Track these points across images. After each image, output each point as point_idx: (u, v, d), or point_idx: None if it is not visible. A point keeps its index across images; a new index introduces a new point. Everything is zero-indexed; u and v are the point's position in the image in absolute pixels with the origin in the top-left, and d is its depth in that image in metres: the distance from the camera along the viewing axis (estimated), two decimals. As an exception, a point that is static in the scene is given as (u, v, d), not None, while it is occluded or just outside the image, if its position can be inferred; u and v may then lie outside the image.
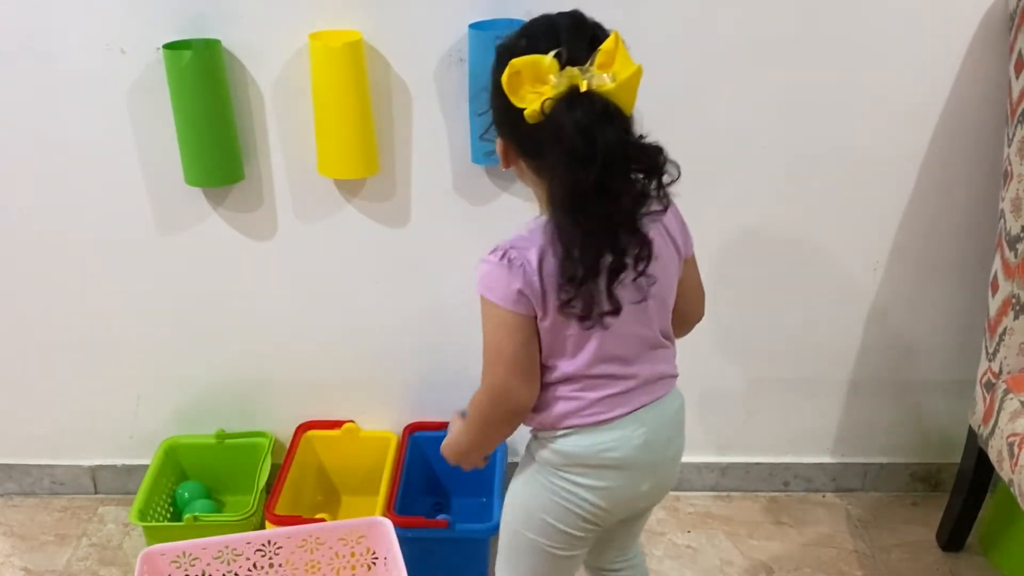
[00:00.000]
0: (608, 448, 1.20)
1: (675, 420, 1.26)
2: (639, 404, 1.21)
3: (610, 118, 1.04)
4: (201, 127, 1.61)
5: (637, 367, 1.20)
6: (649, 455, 1.22)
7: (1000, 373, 1.63)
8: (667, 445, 1.26)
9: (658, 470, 1.26)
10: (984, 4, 1.59)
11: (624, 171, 1.06)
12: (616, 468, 1.21)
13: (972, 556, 1.86)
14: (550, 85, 1.04)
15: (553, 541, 1.26)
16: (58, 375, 1.91)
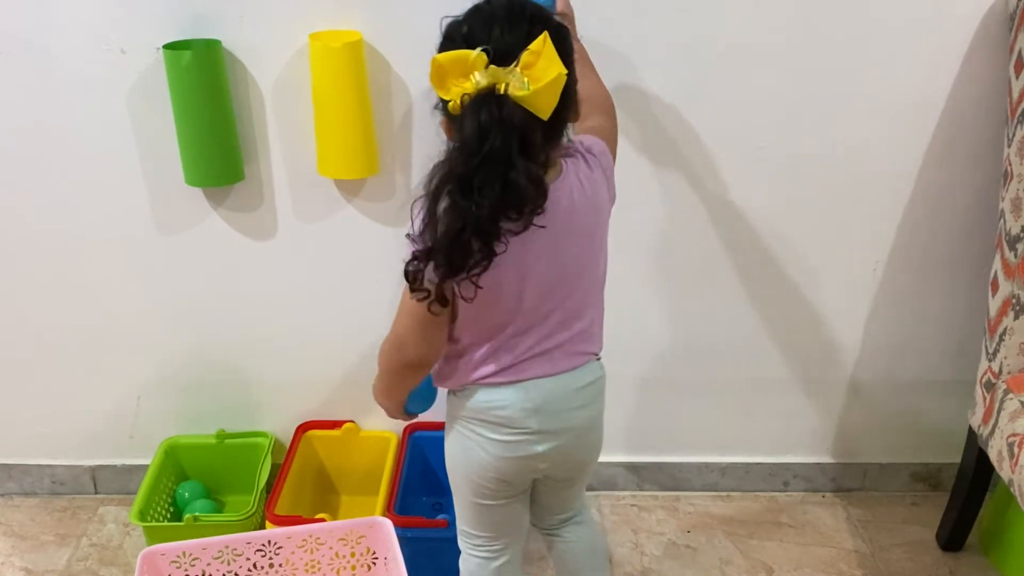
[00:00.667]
0: (499, 406, 1.29)
1: (585, 392, 1.34)
2: (538, 373, 1.29)
3: (510, 128, 1.09)
4: (201, 127, 1.61)
5: (537, 335, 1.27)
6: (541, 421, 1.31)
7: (1000, 373, 1.63)
8: (567, 415, 1.33)
9: (558, 437, 1.33)
10: (984, 4, 1.59)
11: (494, 182, 1.10)
12: (506, 426, 1.30)
13: (972, 556, 1.86)
14: (472, 81, 1.09)
15: (470, 490, 1.37)
16: (58, 375, 1.91)
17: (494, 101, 1.09)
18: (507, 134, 1.09)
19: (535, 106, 1.10)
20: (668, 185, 1.74)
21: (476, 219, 1.11)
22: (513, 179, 1.10)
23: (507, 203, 1.12)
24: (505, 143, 1.09)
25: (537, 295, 1.24)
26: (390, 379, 1.36)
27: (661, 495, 2.03)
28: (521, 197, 1.12)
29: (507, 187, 1.10)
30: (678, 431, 1.98)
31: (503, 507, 1.40)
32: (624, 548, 1.89)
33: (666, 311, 1.85)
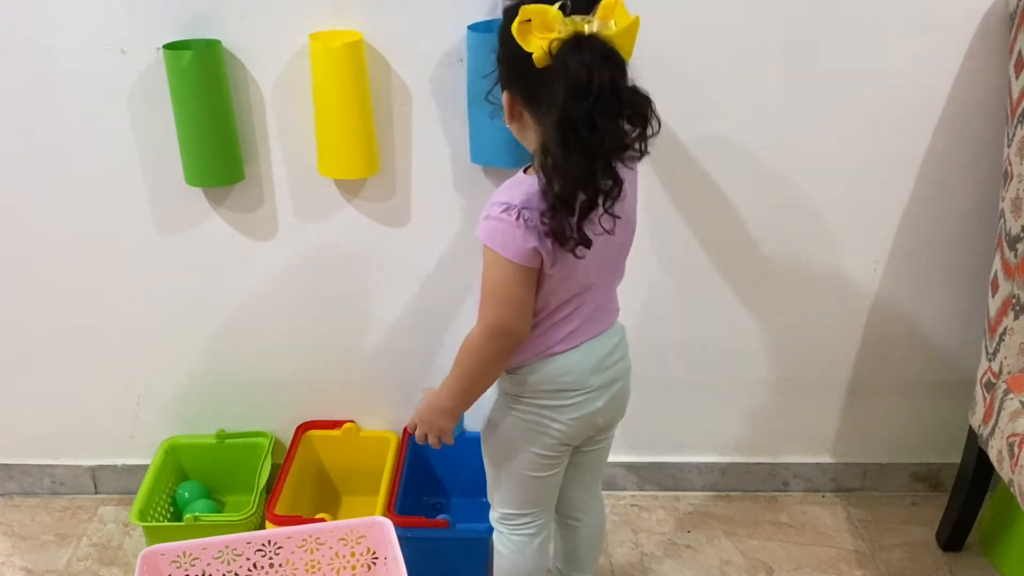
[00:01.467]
0: (563, 373, 1.37)
1: (620, 345, 1.43)
2: (592, 334, 1.37)
3: (609, 60, 1.14)
4: (201, 127, 1.61)
5: (594, 300, 1.36)
6: (599, 377, 1.39)
7: (1000, 373, 1.63)
8: (615, 366, 1.41)
9: (611, 389, 1.41)
10: (984, 4, 1.59)
11: (613, 111, 1.16)
12: (571, 390, 1.38)
13: (972, 556, 1.86)
14: (555, 32, 1.14)
15: (531, 465, 1.43)
16: (58, 375, 1.91)
17: (588, 41, 1.14)
18: (611, 67, 1.14)
19: (621, 47, 1.16)
20: (667, 185, 1.74)
21: (605, 149, 1.17)
22: (630, 100, 1.17)
23: (629, 128, 1.19)
24: (613, 76, 1.14)
25: (603, 260, 1.32)
26: (483, 372, 1.37)
27: (661, 495, 2.03)
28: (643, 116, 1.19)
29: (628, 112, 1.17)
30: (678, 431, 1.98)
31: (554, 476, 1.47)
32: (624, 548, 1.89)
33: (666, 311, 1.85)
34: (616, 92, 1.15)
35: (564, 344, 1.36)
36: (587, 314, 1.36)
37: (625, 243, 1.37)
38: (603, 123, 1.15)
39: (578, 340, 1.37)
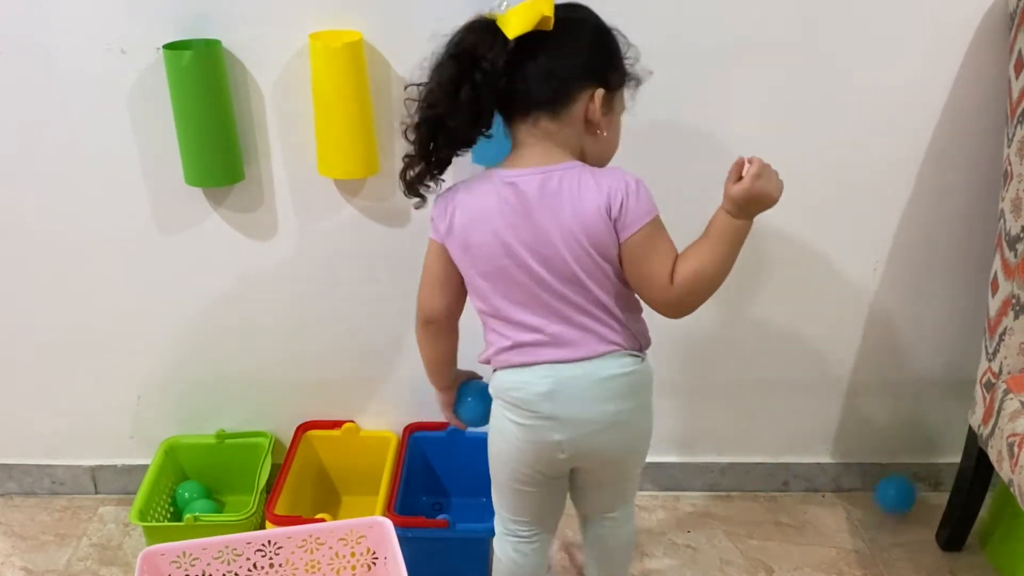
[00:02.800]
0: (514, 387, 1.34)
1: (602, 386, 1.33)
2: (552, 358, 1.32)
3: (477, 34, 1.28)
4: (201, 127, 1.61)
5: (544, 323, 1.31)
6: (555, 407, 1.32)
7: (1000, 373, 1.63)
8: (584, 405, 1.33)
9: (575, 427, 1.34)
10: (984, 4, 1.59)
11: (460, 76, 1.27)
12: (523, 408, 1.34)
13: (972, 556, 1.86)
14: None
15: (501, 472, 1.42)
16: (58, 375, 1.91)
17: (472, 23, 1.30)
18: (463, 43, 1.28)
19: (502, 22, 1.25)
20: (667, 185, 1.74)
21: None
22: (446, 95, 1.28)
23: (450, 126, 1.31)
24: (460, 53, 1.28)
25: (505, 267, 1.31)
26: (420, 350, 1.51)
27: (661, 495, 2.03)
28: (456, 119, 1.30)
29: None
30: (678, 431, 1.98)
31: (536, 494, 1.43)
32: (624, 548, 1.89)
33: (666, 311, 1.85)
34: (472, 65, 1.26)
35: (512, 357, 1.34)
36: (521, 331, 1.32)
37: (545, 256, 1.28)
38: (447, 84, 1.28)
39: (528, 359, 1.33)
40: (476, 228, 1.31)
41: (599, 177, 1.28)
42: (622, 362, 1.35)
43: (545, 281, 1.29)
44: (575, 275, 1.29)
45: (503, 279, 1.31)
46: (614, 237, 1.28)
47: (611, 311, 1.33)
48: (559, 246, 1.27)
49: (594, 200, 1.26)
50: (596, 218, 1.27)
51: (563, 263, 1.28)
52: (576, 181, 1.27)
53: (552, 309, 1.31)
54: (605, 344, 1.33)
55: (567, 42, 1.25)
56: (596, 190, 1.27)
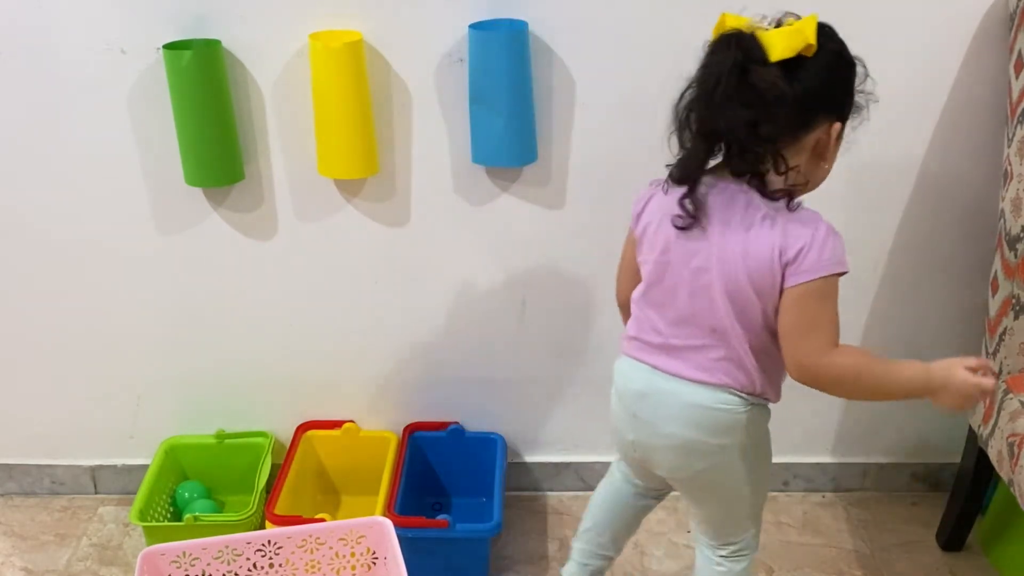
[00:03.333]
0: (618, 374, 1.42)
1: (678, 409, 1.33)
2: (641, 357, 1.36)
3: (736, 46, 1.25)
4: (201, 127, 1.61)
5: (671, 331, 1.32)
6: (626, 410, 1.40)
7: (1000, 373, 1.63)
8: (663, 420, 1.34)
9: (640, 434, 1.39)
10: (984, 4, 1.59)
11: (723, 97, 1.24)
12: (615, 394, 1.43)
13: (972, 556, 1.86)
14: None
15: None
16: (58, 375, 1.91)
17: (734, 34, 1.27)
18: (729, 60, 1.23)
19: (765, 41, 1.23)
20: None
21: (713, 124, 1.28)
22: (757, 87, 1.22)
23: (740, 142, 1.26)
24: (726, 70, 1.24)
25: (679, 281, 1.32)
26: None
27: (661, 495, 2.03)
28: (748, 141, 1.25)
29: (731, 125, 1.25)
30: (678, 431, 1.98)
31: (631, 469, 1.58)
32: (624, 548, 1.88)
33: (666, 311, 1.85)
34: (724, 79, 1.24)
35: (628, 347, 1.40)
36: (653, 343, 1.34)
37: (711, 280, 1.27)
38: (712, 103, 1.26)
39: (629, 351, 1.39)
40: (656, 225, 1.33)
41: (790, 222, 1.25)
42: (722, 398, 1.31)
43: (694, 295, 1.29)
44: (722, 301, 1.27)
45: (657, 276, 1.33)
46: (779, 281, 1.25)
47: (740, 347, 1.29)
48: (721, 268, 1.26)
49: (770, 241, 1.24)
50: (767, 257, 1.24)
51: (717, 286, 1.27)
52: (770, 217, 1.25)
53: (685, 321, 1.31)
54: (714, 375, 1.30)
55: (818, 72, 1.24)
56: (780, 234, 1.24)
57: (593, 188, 1.74)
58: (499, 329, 1.87)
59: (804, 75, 1.22)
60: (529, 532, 1.92)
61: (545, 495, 2.03)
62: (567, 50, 1.62)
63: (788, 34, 1.21)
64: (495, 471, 1.84)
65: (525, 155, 1.67)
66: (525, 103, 1.61)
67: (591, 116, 1.67)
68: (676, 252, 1.29)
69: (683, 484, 1.44)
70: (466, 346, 1.89)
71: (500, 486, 1.80)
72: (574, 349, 1.89)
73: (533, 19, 1.59)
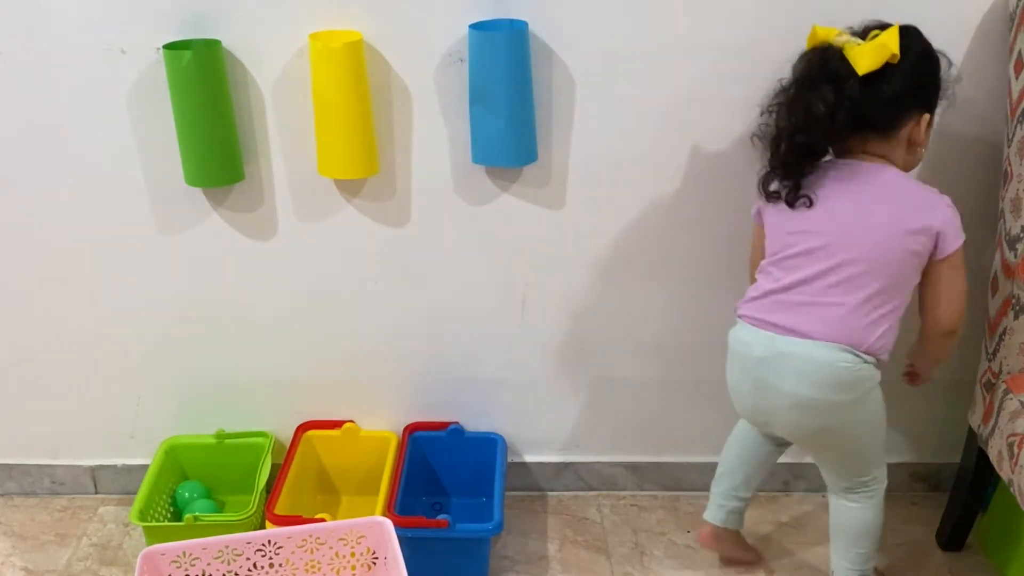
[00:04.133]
0: (735, 339, 1.54)
1: (800, 366, 1.45)
2: (766, 320, 1.49)
3: (828, 62, 1.43)
4: (201, 127, 1.61)
5: (799, 294, 1.46)
6: (746, 370, 1.53)
7: (1000, 373, 1.63)
8: (781, 378, 1.47)
9: (759, 395, 1.52)
10: (984, 4, 1.59)
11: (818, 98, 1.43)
12: (732, 362, 1.56)
13: (972, 556, 1.86)
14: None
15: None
16: (58, 375, 1.91)
17: (824, 48, 1.45)
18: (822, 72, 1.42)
19: (852, 56, 1.40)
20: (669, 185, 1.74)
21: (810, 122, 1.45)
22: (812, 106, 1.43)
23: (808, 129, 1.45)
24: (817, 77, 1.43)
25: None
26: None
27: (661, 495, 2.03)
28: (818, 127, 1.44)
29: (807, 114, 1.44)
30: (678, 431, 1.98)
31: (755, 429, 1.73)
32: (624, 548, 1.89)
33: (666, 310, 1.85)
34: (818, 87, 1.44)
35: (747, 313, 1.52)
36: (780, 300, 1.47)
37: (863, 232, 1.43)
38: (807, 102, 1.44)
39: (751, 313, 1.51)
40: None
41: (932, 198, 1.45)
42: (842, 356, 1.45)
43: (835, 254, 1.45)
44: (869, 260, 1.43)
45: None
46: (930, 251, 1.44)
47: (873, 306, 1.45)
48: (870, 230, 1.43)
49: (924, 215, 1.43)
50: (920, 230, 1.43)
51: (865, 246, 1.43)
52: (917, 189, 1.47)
53: (821, 276, 1.45)
54: (839, 332, 1.45)
55: (905, 73, 1.41)
56: (931, 207, 1.44)
57: (593, 188, 1.74)
58: (499, 329, 1.87)
59: (891, 80, 1.40)
60: (529, 532, 1.92)
61: (545, 495, 2.03)
62: (567, 50, 1.62)
63: (873, 49, 1.38)
64: (495, 471, 1.84)
65: (525, 155, 1.67)
66: (525, 103, 1.61)
67: (591, 116, 1.67)
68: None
69: (807, 443, 1.59)
70: (466, 346, 1.89)
71: (500, 486, 1.80)
72: (574, 349, 1.90)
73: (533, 19, 1.59)
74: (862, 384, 1.47)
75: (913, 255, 1.43)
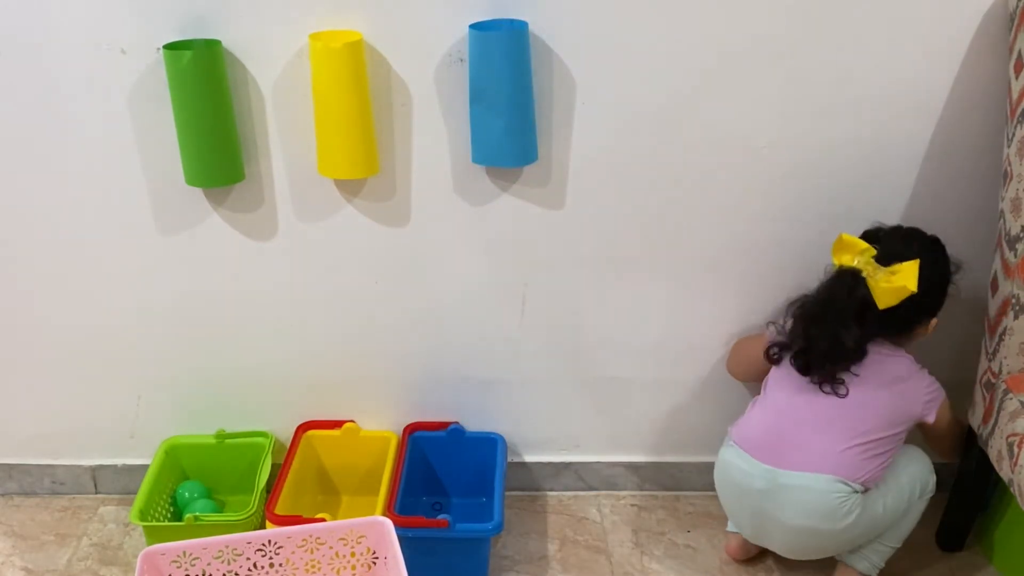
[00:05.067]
0: (734, 467, 1.68)
1: (799, 497, 1.59)
2: (754, 450, 1.64)
3: (853, 298, 1.58)
4: (201, 127, 1.61)
5: (798, 428, 1.62)
6: (745, 499, 1.67)
7: (1000, 373, 1.63)
8: (779, 509, 1.62)
9: (758, 523, 1.67)
10: (984, 4, 1.59)
11: (835, 326, 1.60)
12: (724, 483, 1.73)
13: (972, 556, 1.86)
14: (853, 261, 1.61)
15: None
16: (58, 375, 1.91)
17: (852, 276, 1.57)
18: (848, 302, 1.56)
19: (876, 295, 1.55)
20: (668, 185, 1.74)
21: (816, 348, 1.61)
22: (842, 338, 1.57)
23: (833, 355, 1.59)
24: (845, 307, 1.57)
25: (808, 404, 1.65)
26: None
27: (661, 495, 2.03)
28: (843, 355, 1.59)
29: (835, 342, 1.58)
30: (678, 431, 1.98)
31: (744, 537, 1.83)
32: (624, 548, 1.89)
33: (666, 311, 1.85)
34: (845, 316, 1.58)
35: (746, 441, 1.66)
36: (779, 431, 1.63)
37: (865, 403, 1.61)
38: (825, 327, 1.61)
39: (749, 444, 1.66)
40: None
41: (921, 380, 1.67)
42: (835, 488, 1.58)
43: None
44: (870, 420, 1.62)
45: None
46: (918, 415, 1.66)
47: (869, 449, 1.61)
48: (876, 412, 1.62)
49: (917, 398, 1.66)
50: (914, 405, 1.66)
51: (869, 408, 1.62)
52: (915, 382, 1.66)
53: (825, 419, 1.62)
54: (837, 469, 1.59)
55: (920, 298, 1.56)
56: (923, 392, 1.66)
57: (593, 188, 1.74)
58: (499, 329, 1.87)
59: (909, 307, 1.56)
60: (529, 532, 1.92)
61: (545, 495, 2.03)
62: (567, 50, 1.62)
63: (895, 292, 1.53)
64: (495, 471, 1.84)
65: (525, 155, 1.67)
66: (525, 103, 1.61)
67: (591, 116, 1.67)
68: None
69: (804, 555, 1.75)
70: (466, 346, 1.89)
71: (500, 486, 1.80)
72: (574, 349, 1.90)
73: (533, 19, 1.59)
74: (853, 511, 1.59)
75: (911, 420, 1.66)
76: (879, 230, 1.65)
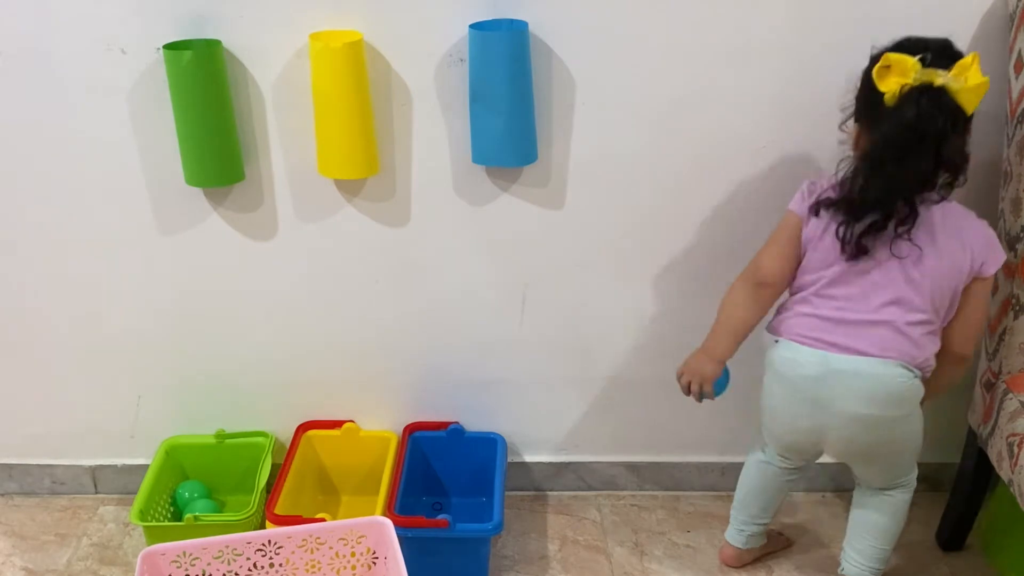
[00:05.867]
0: (781, 362, 1.55)
1: (856, 384, 1.48)
2: (827, 342, 1.50)
3: (944, 111, 1.36)
4: (201, 127, 1.61)
5: (849, 310, 1.49)
6: (797, 390, 1.54)
7: (1000, 373, 1.63)
8: (836, 397, 1.49)
9: (812, 415, 1.54)
10: (984, 4, 1.59)
11: (925, 155, 1.38)
12: (780, 384, 1.57)
13: (972, 556, 1.86)
14: (909, 79, 1.37)
15: (764, 431, 1.69)
16: (58, 375, 1.91)
17: (932, 91, 1.36)
18: (946, 117, 1.36)
19: (965, 101, 1.37)
20: (668, 185, 1.74)
21: (906, 185, 1.41)
22: (947, 153, 1.39)
23: (937, 172, 1.41)
24: (943, 127, 1.36)
25: (880, 279, 1.49)
26: (733, 306, 1.63)
27: (661, 495, 2.03)
28: (957, 169, 1.42)
29: (940, 160, 1.39)
30: (678, 431, 1.98)
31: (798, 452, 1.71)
32: (624, 548, 1.89)
33: (666, 310, 1.85)
34: (940, 139, 1.37)
35: (795, 332, 1.53)
36: (832, 318, 1.49)
37: (921, 279, 1.46)
38: (911, 162, 1.38)
39: (807, 336, 1.51)
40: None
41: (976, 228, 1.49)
42: (898, 372, 1.49)
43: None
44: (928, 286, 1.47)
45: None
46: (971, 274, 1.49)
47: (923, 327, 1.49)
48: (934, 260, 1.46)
49: (970, 247, 1.48)
50: (964, 261, 1.48)
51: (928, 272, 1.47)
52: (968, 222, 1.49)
53: (879, 294, 1.48)
54: (896, 352, 1.48)
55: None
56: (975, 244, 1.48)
57: (593, 188, 1.74)
58: (499, 329, 1.87)
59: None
60: (529, 532, 1.92)
61: (545, 495, 2.03)
62: (567, 50, 1.62)
63: (977, 89, 1.37)
64: (495, 471, 1.84)
65: (525, 155, 1.67)
66: (525, 103, 1.61)
67: (591, 116, 1.67)
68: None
69: (862, 456, 1.61)
70: (466, 346, 1.89)
71: (500, 486, 1.80)
72: (574, 349, 1.90)
73: (533, 19, 1.59)
74: (915, 398, 1.52)
75: (959, 290, 1.50)
76: (902, 43, 1.44)
